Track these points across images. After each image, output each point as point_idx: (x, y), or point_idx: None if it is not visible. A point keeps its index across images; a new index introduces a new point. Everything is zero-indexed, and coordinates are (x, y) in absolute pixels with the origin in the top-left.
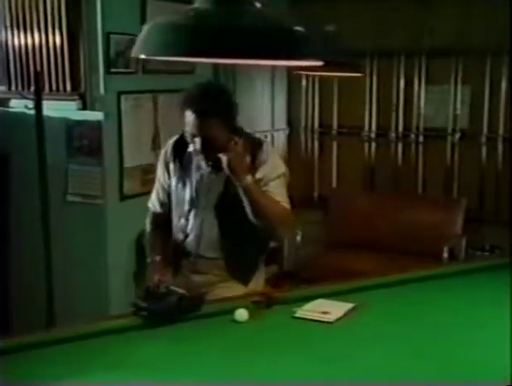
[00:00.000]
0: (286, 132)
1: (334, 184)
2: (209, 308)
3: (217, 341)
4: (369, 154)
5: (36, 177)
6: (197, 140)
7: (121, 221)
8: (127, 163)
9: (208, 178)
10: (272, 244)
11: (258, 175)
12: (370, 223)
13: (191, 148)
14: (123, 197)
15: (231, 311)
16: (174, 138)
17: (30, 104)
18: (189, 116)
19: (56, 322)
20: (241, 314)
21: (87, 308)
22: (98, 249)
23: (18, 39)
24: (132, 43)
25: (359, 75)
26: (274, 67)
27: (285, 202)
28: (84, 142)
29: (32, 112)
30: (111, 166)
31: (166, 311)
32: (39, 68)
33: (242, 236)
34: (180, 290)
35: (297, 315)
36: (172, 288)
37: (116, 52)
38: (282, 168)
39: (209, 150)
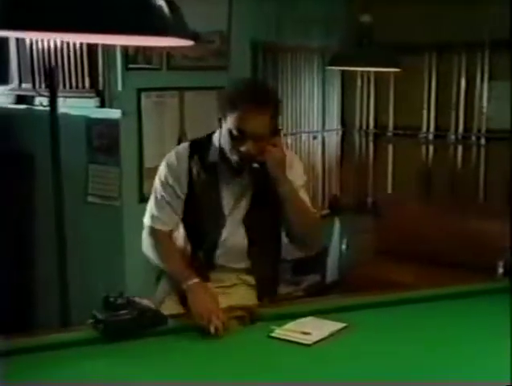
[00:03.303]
0: (339, 133)
1: (389, 189)
2: (184, 322)
3: (176, 358)
4: (427, 157)
5: (59, 176)
6: (248, 140)
7: (139, 224)
8: (148, 164)
9: (236, 188)
10: (308, 253)
11: (289, 177)
12: (422, 231)
13: (213, 156)
14: (143, 199)
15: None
16: (184, 146)
17: (46, 101)
18: (245, 112)
19: (72, 322)
20: None
21: None
22: (116, 252)
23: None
24: None
25: (396, 70)
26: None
27: (314, 211)
28: (103, 141)
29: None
30: (131, 166)
31: (123, 325)
32: (55, 64)
33: (269, 248)
34: (145, 302)
35: (273, 335)
36: (135, 299)
37: (136, 47)
38: (304, 176)
39: (251, 156)
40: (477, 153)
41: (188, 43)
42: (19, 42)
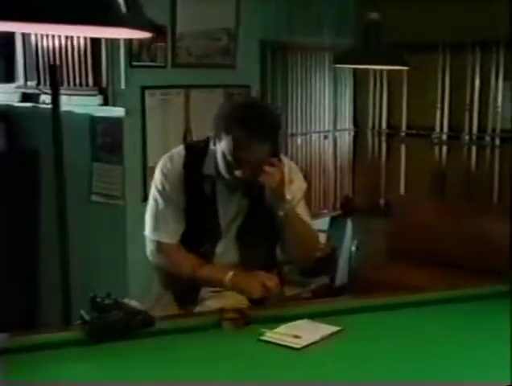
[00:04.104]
0: (352, 133)
1: (401, 190)
2: (175, 324)
3: (161, 360)
4: (440, 158)
5: (64, 174)
6: (243, 166)
7: (143, 222)
8: (152, 162)
9: (232, 204)
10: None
11: (287, 197)
12: (435, 234)
13: (209, 169)
14: (146, 198)
15: (198, 328)
16: (179, 153)
17: (48, 98)
18: (242, 139)
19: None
20: None
21: None
22: (119, 251)
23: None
24: (159, 34)
25: (403, 68)
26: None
27: (312, 224)
28: (106, 139)
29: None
30: (135, 165)
31: (109, 327)
32: (59, 62)
33: (260, 262)
34: (132, 303)
35: (263, 338)
36: (123, 300)
37: (139, 44)
38: (304, 184)
39: (249, 175)
40: (491, 154)
41: (145, 34)
42: (25, 40)
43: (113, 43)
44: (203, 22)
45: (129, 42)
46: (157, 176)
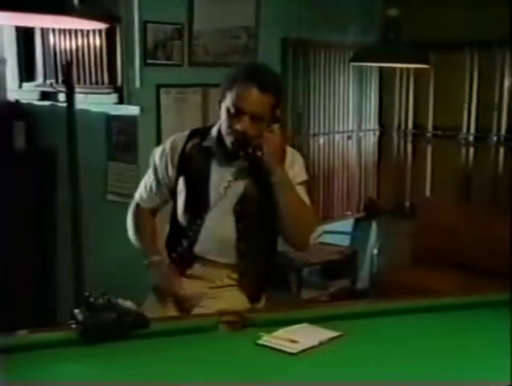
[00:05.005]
0: (377, 133)
1: (427, 192)
2: (171, 325)
3: (153, 362)
4: (467, 160)
5: (80, 173)
6: (244, 118)
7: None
8: None
9: (229, 174)
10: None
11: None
12: (460, 237)
13: (209, 142)
14: None
15: (195, 330)
16: (183, 133)
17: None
18: (244, 88)
19: None
20: None
21: None
22: (134, 250)
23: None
24: (175, 32)
25: (423, 66)
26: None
27: (309, 205)
28: (121, 138)
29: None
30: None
31: (100, 327)
32: (75, 60)
33: (259, 242)
34: (127, 303)
35: (260, 342)
36: (116, 301)
37: (155, 43)
38: (305, 175)
39: (248, 136)
40: None
41: (99, 25)
42: (44, 39)
43: (127, 40)
44: (221, 20)
45: (144, 40)
46: (157, 150)
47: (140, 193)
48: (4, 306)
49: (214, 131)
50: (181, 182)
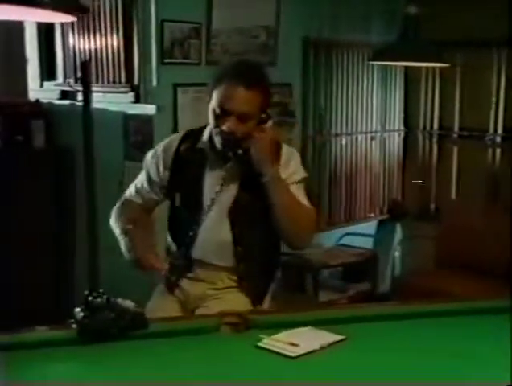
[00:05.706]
0: (402, 134)
1: (453, 194)
2: (172, 326)
3: (150, 362)
4: (494, 161)
5: (98, 172)
6: (231, 119)
7: None
8: None
9: (222, 176)
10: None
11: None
12: (485, 241)
13: (202, 144)
14: None
15: (196, 331)
16: (177, 135)
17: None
18: (230, 88)
19: None
20: None
21: None
22: None
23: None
24: (192, 31)
25: (441, 65)
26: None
27: (307, 205)
28: (138, 137)
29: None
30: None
31: (98, 327)
32: (94, 60)
33: (258, 245)
34: (126, 303)
35: (260, 344)
36: (115, 300)
37: (171, 41)
38: (303, 172)
39: (236, 136)
40: None
41: (68, 18)
42: (64, 39)
43: (144, 39)
44: (240, 19)
45: (161, 39)
46: (149, 152)
47: (130, 190)
48: (20, 305)
49: (206, 133)
50: (175, 185)
